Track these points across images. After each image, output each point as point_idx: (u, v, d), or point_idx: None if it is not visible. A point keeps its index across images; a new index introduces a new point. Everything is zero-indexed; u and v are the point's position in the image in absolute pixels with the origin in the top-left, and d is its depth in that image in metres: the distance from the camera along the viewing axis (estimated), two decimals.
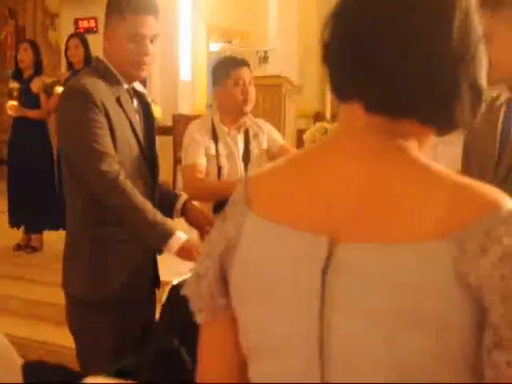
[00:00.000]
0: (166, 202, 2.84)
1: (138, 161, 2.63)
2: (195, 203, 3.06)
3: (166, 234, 2.43)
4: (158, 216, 2.44)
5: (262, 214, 1.10)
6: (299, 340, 1.03)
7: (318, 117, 12.98)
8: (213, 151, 3.36)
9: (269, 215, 1.09)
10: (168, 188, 3.08)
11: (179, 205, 2.88)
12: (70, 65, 6.35)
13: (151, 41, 2.62)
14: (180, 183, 10.85)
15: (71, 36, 6.49)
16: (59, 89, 6.10)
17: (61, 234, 6.21)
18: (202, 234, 2.86)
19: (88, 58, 6.22)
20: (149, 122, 2.77)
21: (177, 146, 10.44)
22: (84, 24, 10.47)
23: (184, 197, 2.97)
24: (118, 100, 2.58)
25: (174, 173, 10.31)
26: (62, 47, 10.53)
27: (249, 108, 3.38)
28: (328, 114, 7.41)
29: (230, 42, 11.99)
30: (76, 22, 10.54)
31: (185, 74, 10.64)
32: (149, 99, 2.85)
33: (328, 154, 1.10)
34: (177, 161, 10.37)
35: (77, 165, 2.52)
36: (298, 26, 13.26)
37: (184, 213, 2.89)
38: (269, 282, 1.06)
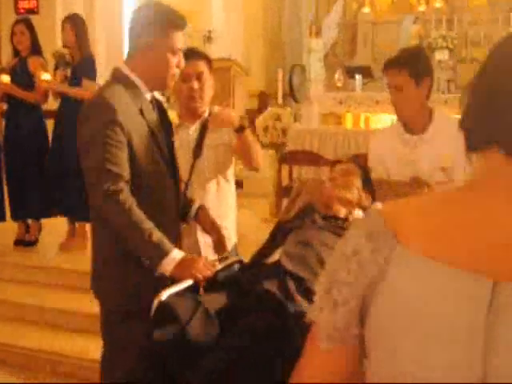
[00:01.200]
0: (182, 206, 2.90)
1: (161, 169, 2.68)
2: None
3: (160, 255, 2.41)
4: (155, 236, 2.42)
5: (414, 248, 1.10)
6: (459, 377, 1.04)
7: (263, 96, 12.99)
8: None
9: (422, 250, 1.09)
10: (184, 194, 3.06)
11: (192, 212, 2.95)
12: (16, 51, 6.15)
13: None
14: None
15: (17, 21, 6.25)
16: (5, 77, 5.92)
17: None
18: (214, 239, 2.91)
19: (35, 44, 6.04)
20: (167, 128, 2.81)
21: None
22: (24, 4, 10.18)
23: (197, 203, 3.00)
24: (141, 111, 2.63)
25: None
26: (2, 27, 10.28)
27: (197, 105, 3.30)
28: (279, 95, 7.37)
29: None
30: (16, 1, 10.24)
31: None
32: (165, 105, 2.92)
33: (480, 196, 1.12)
34: None
35: (85, 177, 2.56)
36: (242, 6, 13.19)
37: (197, 219, 2.96)
38: (423, 315, 1.06)
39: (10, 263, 5.70)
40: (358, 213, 2.85)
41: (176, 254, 2.43)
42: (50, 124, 6.16)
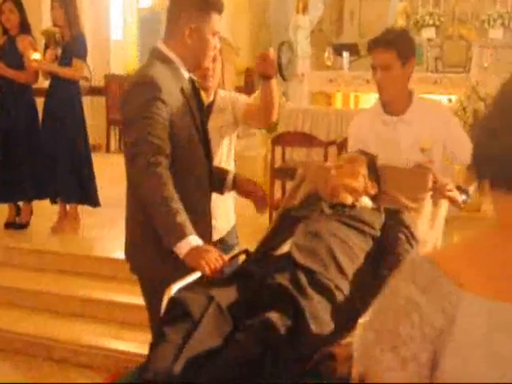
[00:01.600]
0: (216, 179, 2.98)
1: (196, 145, 2.78)
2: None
3: (179, 236, 2.43)
4: (179, 216, 2.44)
5: (479, 292, 1.09)
6: None
7: (250, 73, 12.91)
8: None
9: (486, 292, 1.08)
10: (217, 166, 3.13)
11: (229, 180, 3.02)
12: (4, 30, 6.04)
13: None
14: (113, 145, 10.65)
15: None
16: None
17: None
18: (256, 203, 3.00)
19: (24, 23, 5.94)
20: (200, 107, 2.88)
21: (109, 106, 10.21)
22: None
23: (233, 172, 3.08)
24: (182, 90, 2.71)
25: (108, 134, 10.09)
26: None
27: (209, 84, 3.29)
28: None
29: None
30: None
31: (116, 32, 10.36)
32: (197, 85, 2.94)
33: None
34: (110, 122, 10.15)
35: (127, 148, 2.63)
36: None
37: (235, 187, 3.04)
38: (499, 358, 1.06)
39: (2, 246, 5.63)
40: (365, 200, 2.83)
41: (192, 240, 2.43)
42: (39, 102, 6.08)
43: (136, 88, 2.68)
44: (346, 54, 10.44)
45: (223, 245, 3.19)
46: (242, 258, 2.76)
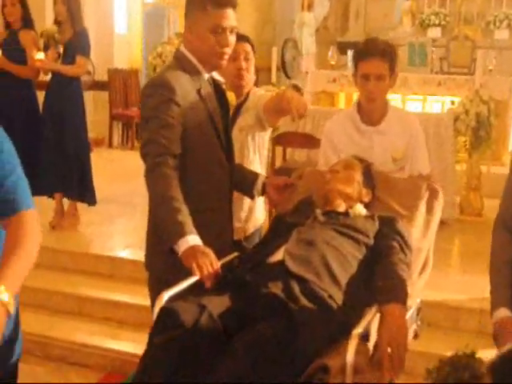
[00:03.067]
0: (247, 183, 3.05)
1: (214, 146, 2.80)
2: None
3: (179, 234, 2.43)
4: (181, 215, 2.47)
5: None
6: None
7: (255, 70, 12.90)
8: None
9: None
10: (249, 170, 3.20)
11: (259, 184, 3.06)
12: (7, 24, 6.04)
13: (231, 32, 2.73)
14: (116, 140, 10.64)
15: None
16: None
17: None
18: (271, 205, 3.11)
19: (27, 17, 5.94)
20: (224, 108, 2.90)
21: (113, 101, 10.20)
22: None
23: (263, 176, 3.11)
24: (199, 91, 2.74)
25: (110, 128, 10.08)
26: None
27: (243, 83, 3.33)
28: (273, 74, 7.33)
29: None
30: None
31: (120, 27, 10.34)
32: (224, 86, 2.97)
33: None
34: (113, 116, 10.13)
35: (141, 148, 2.68)
36: None
37: (264, 192, 3.08)
38: None
39: None
40: (359, 207, 2.82)
41: (191, 239, 2.42)
42: (39, 95, 6.09)
43: (151, 89, 2.72)
44: (350, 53, 10.41)
45: (248, 243, 3.24)
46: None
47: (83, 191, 5.84)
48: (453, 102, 7.00)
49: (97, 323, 4.76)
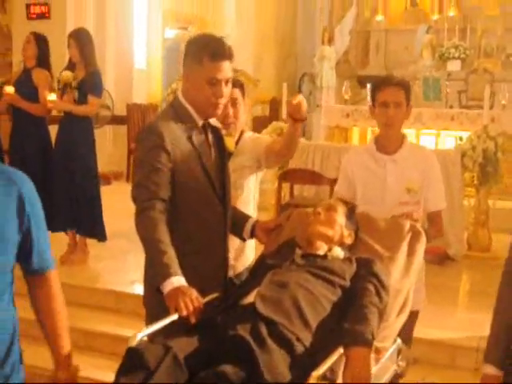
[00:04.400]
0: (237, 226, 3.12)
1: (206, 190, 2.88)
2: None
3: (164, 275, 2.54)
4: (166, 258, 2.57)
5: None
6: None
7: (274, 103, 13.01)
8: None
9: None
10: (240, 212, 3.26)
11: (248, 227, 3.13)
12: (25, 63, 6.22)
13: (226, 83, 2.83)
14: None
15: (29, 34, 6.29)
16: (8, 88, 5.98)
17: None
18: (266, 247, 3.10)
19: (42, 57, 6.08)
20: (221, 153, 3.00)
21: (131, 135, 10.37)
22: (36, 9, 10.26)
23: (253, 219, 3.18)
24: (190, 138, 2.83)
25: (128, 163, 10.23)
26: (13, 32, 10.36)
27: (231, 131, 3.41)
28: (284, 109, 7.39)
29: (186, 29, 11.88)
30: (27, 6, 10.32)
31: (139, 62, 10.53)
32: (222, 132, 3.08)
33: None
34: (131, 151, 10.29)
35: (131, 190, 2.78)
36: (254, 12, 13.20)
37: (253, 234, 3.15)
38: None
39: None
40: (337, 250, 2.86)
41: (175, 281, 2.52)
42: (53, 129, 6.24)
43: (143, 135, 2.85)
44: (370, 86, 10.46)
45: (238, 280, 3.29)
46: None
47: (93, 228, 5.95)
48: (461, 138, 7.02)
49: (103, 358, 4.80)
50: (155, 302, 2.75)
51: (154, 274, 2.63)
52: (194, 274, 2.63)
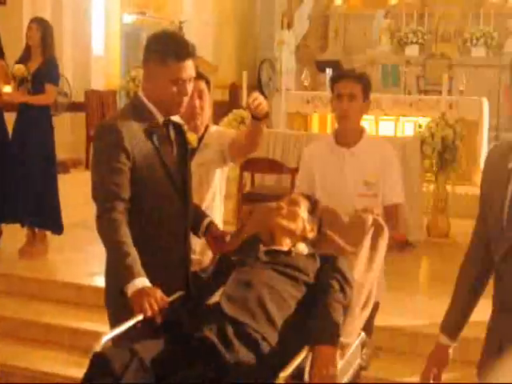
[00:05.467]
0: (195, 224, 3.08)
1: (166, 187, 2.83)
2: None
3: (126, 278, 2.53)
4: (129, 259, 2.56)
5: None
6: None
7: (234, 88, 12.96)
8: None
9: None
10: (198, 210, 3.22)
11: (203, 227, 3.11)
12: None
13: (189, 81, 2.81)
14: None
15: None
16: None
17: None
18: (214, 252, 3.11)
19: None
20: (183, 150, 2.95)
21: (89, 122, 10.23)
22: None
23: (208, 219, 3.15)
24: (150, 135, 2.77)
25: (87, 150, 10.10)
26: None
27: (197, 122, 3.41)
28: (244, 97, 7.37)
29: (144, 14, 11.73)
30: None
31: (97, 48, 10.38)
32: (185, 128, 3.01)
33: None
34: (90, 138, 10.16)
35: (92, 190, 2.75)
36: None
37: (205, 235, 3.13)
38: None
39: None
40: (301, 246, 2.86)
41: (138, 282, 2.51)
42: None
43: (101, 131, 2.81)
44: (328, 71, 10.49)
45: (204, 273, 3.28)
46: None
47: (48, 219, 5.86)
48: (420, 126, 7.08)
49: (62, 351, 4.77)
50: (118, 303, 2.74)
51: (117, 276, 2.61)
52: (155, 272, 2.61)
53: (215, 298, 2.49)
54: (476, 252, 2.54)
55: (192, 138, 3.25)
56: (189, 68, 2.76)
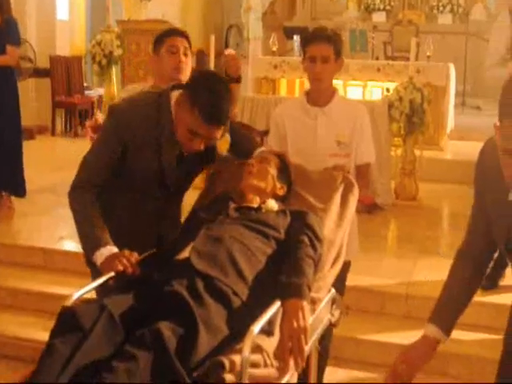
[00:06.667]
0: None
1: (152, 179, 2.88)
2: None
3: (93, 248, 2.63)
4: (96, 230, 2.67)
5: None
6: None
7: (201, 54, 12.84)
8: None
9: None
10: None
11: None
12: None
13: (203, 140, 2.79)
14: (58, 127, 10.53)
15: None
16: None
17: None
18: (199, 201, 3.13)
19: None
20: (197, 160, 2.94)
21: (55, 88, 10.08)
22: None
23: None
24: (160, 125, 2.80)
25: (53, 117, 9.97)
26: None
27: (181, 77, 3.36)
28: (212, 63, 7.31)
29: None
30: None
31: (62, 12, 10.20)
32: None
33: None
34: (55, 104, 10.02)
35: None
36: None
37: None
38: None
39: None
40: (271, 202, 2.85)
41: (105, 251, 2.60)
42: None
43: (108, 112, 2.91)
44: (296, 38, 10.44)
45: None
46: None
47: (13, 183, 5.79)
48: (388, 90, 7.09)
49: (29, 315, 4.74)
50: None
51: (85, 248, 2.72)
52: (124, 238, 2.71)
53: (185, 253, 2.46)
54: (471, 249, 2.49)
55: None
56: (212, 132, 2.70)
